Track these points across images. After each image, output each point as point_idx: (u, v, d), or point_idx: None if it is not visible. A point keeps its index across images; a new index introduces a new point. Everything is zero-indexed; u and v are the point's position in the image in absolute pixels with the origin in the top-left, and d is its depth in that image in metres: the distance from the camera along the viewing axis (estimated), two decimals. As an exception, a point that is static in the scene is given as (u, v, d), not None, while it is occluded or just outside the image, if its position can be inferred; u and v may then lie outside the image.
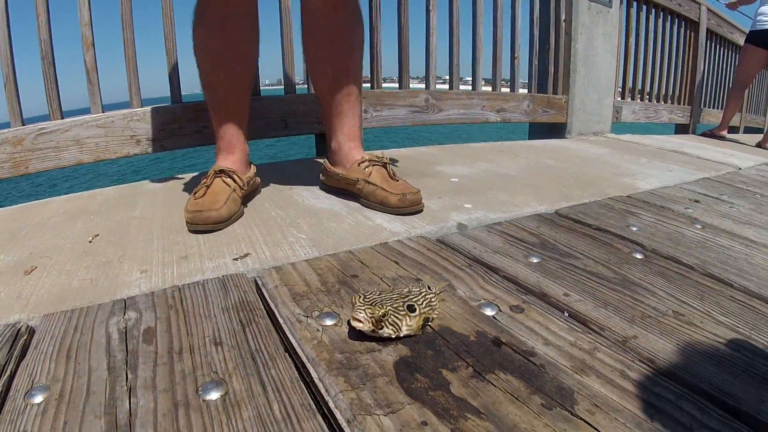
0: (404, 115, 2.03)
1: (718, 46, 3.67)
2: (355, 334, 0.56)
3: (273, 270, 0.76)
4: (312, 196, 1.19)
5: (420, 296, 0.60)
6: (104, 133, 1.42)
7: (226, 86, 1.13)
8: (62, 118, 1.37)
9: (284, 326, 0.60)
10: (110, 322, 0.62)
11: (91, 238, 0.94)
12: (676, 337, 0.59)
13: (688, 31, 3.35)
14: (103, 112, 1.42)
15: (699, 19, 3.35)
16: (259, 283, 0.74)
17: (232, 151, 1.14)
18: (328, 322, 0.59)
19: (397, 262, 0.78)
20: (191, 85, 1.59)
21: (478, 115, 2.26)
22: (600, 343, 0.56)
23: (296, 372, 0.51)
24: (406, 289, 0.61)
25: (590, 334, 0.58)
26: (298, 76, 1.78)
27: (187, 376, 0.51)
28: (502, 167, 1.61)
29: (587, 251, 0.86)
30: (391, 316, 0.55)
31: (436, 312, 0.60)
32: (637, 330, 0.60)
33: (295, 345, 0.55)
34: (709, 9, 3.38)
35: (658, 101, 3.21)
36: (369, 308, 0.54)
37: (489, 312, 0.62)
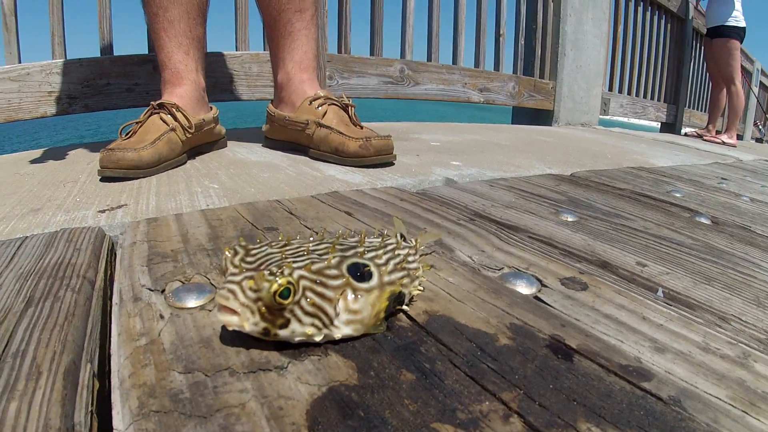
0: (375, 86, 1.74)
1: (701, 47, 3.55)
2: (233, 331, 0.24)
3: (143, 222, 0.45)
4: (248, 152, 0.88)
5: (382, 250, 0.29)
6: (18, 88, 1.10)
7: (177, 3, 0.81)
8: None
9: (113, 307, 0.29)
10: None
11: None
12: None
13: (674, 27, 3.21)
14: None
15: (686, 15, 3.22)
16: (119, 240, 0.43)
17: (180, 82, 0.82)
18: (191, 302, 0.29)
19: (349, 213, 0.47)
20: (130, 40, 1.26)
21: (459, 92, 1.99)
22: (746, 344, 0.28)
23: (73, 412, 0.21)
24: (354, 239, 0.30)
25: (718, 327, 0.30)
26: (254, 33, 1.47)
27: None
28: (491, 138, 1.33)
29: (637, 212, 0.58)
30: (307, 294, 0.24)
31: (417, 283, 0.30)
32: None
33: (113, 346, 0.25)
34: (695, 7, 3.26)
35: (644, 98, 3.04)
36: (250, 278, 0.23)
37: (526, 289, 0.33)
